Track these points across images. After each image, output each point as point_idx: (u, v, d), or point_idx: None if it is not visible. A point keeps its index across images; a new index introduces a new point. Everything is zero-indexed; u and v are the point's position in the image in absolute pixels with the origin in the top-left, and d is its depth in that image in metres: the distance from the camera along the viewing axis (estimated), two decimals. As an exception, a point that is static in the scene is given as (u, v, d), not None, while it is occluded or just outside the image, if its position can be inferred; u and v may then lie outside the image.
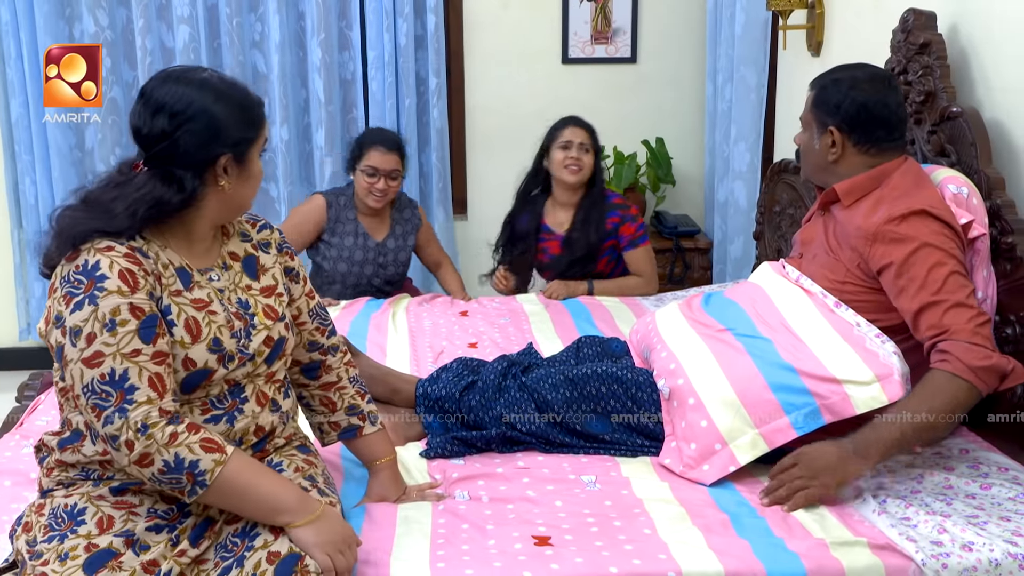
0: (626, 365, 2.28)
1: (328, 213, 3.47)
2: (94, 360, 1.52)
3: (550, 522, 1.83)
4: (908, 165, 2.20)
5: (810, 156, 2.30)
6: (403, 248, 3.56)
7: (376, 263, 3.51)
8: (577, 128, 3.45)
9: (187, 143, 1.60)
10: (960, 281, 2.01)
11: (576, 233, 3.45)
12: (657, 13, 4.29)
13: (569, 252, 3.46)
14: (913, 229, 2.05)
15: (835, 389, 2.01)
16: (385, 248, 3.52)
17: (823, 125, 2.23)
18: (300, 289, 1.88)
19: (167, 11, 3.98)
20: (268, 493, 1.58)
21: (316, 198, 3.52)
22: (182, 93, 1.61)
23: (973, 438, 2.21)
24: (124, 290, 1.55)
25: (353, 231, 3.48)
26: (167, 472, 1.52)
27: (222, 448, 1.56)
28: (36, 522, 1.62)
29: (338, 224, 3.47)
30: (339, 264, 3.47)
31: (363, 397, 1.95)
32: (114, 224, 1.58)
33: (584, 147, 3.42)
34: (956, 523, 1.80)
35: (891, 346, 2.05)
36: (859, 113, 2.18)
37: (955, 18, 2.49)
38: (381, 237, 3.52)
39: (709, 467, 2.03)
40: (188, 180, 1.61)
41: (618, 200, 3.50)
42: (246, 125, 1.66)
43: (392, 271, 3.55)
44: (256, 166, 1.71)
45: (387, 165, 3.39)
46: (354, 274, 3.49)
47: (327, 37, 4.00)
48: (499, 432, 2.16)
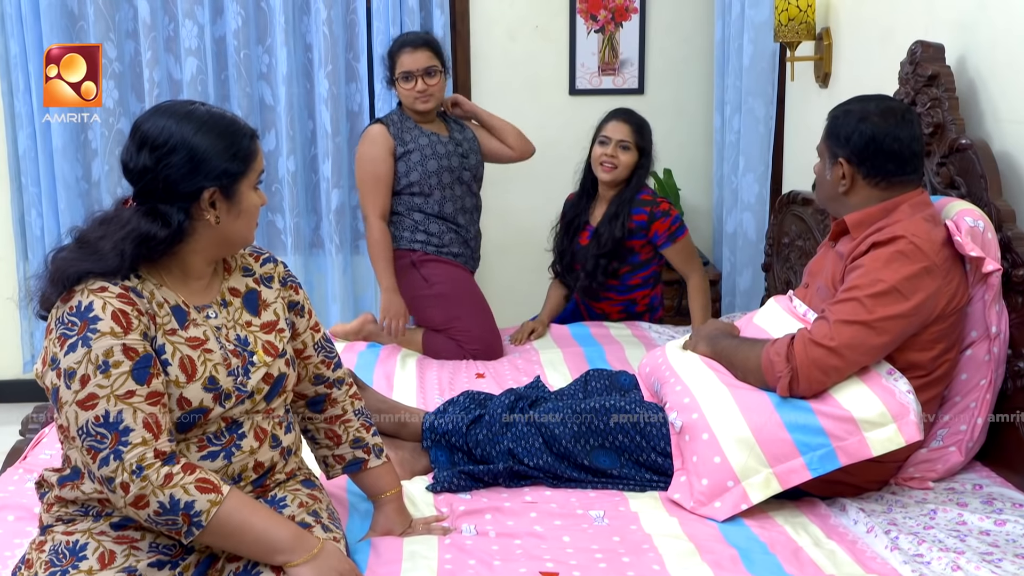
0: (635, 399, 2.26)
1: (391, 131, 3.28)
2: (88, 402, 1.51)
3: (558, 557, 1.81)
4: (921, 198, 2.18)
5: (823, 186, 2.29)
6: (469, 139, 3.41)
7: (458, 154, 3.34)
8: (620, 124, 3.29)
9: (169, 177, 1.58)
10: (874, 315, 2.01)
11: (603, 228, 3.31)
12: (665, 44, 4.30)
13: (596, 246, 3.31)
14: (877, 260, 2.05)
15: (851, 430, 1.99)
16: (456, 140, 3.36)
17: (834, 156, 2.22)
18: (305, 323, 1.86)
19: (175, 43, 4.01)
20: (263, 532, 1.57)
21: (372, 130, 3.32)
22: (163, 126, 1.59)
23: (987, 473, 2.18)
24: (117, 331, 1.53)
25: (422, 133, 3.30)
26: (163, 513, 1.51)
27: (218, 488, 1.54)
28: (37, 559, 1.60)
29: (405, 134, 3.28)
30: (428, 162, 3.26)
31: (368, 430, 1.94)
32: (103, 264, 1.57)
33: (623, 144, 3.26)
34: (970, 560, 1.76)
35: (904, 383, 2.03)
36: (867, 146, 2.16)
37: (963, 50, 2.48)
38: (447, 133, 3.37)
39: (721, 504, 2.00)
40: (174, 215, 1.59)
41: (646, 196, 3.31)
42: (231, 158, 1.62)
43: (474, 160, 3.40)
44: (248, 200, 1.67)
45: (419, 64, 3.23)
46: (444, 168, 3.28)
47: (334, 69, 4.02)
48: (506, 466, 2.14)
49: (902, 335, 2.05)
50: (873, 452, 1.97)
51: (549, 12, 4.26)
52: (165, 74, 4.02)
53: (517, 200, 4.27)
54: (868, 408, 1.99)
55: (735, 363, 2.19)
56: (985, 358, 2.14)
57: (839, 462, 1.98)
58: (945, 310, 2.07)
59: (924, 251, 2.04)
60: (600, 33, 4.26)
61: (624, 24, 4.26)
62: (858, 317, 2.02)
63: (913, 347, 2.08)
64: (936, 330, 2.08)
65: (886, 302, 2.02)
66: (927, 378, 2.10)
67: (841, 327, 2.03)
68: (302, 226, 4.17)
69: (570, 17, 4.25)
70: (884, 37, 2.92)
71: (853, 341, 2.02)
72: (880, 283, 2.03)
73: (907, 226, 2.08)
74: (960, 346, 2.16)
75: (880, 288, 2.02)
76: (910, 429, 1.97)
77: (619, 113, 3.33)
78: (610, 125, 3.30)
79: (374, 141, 3.28)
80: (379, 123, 3.32)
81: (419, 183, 3.28)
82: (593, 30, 4.26)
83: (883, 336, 2.03)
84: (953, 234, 2.10)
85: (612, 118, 3.32)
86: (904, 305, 2.02)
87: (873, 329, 2.02)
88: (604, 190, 3.37)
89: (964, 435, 2.15)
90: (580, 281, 3.40)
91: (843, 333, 2.03)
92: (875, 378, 2.04)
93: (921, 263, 2.03)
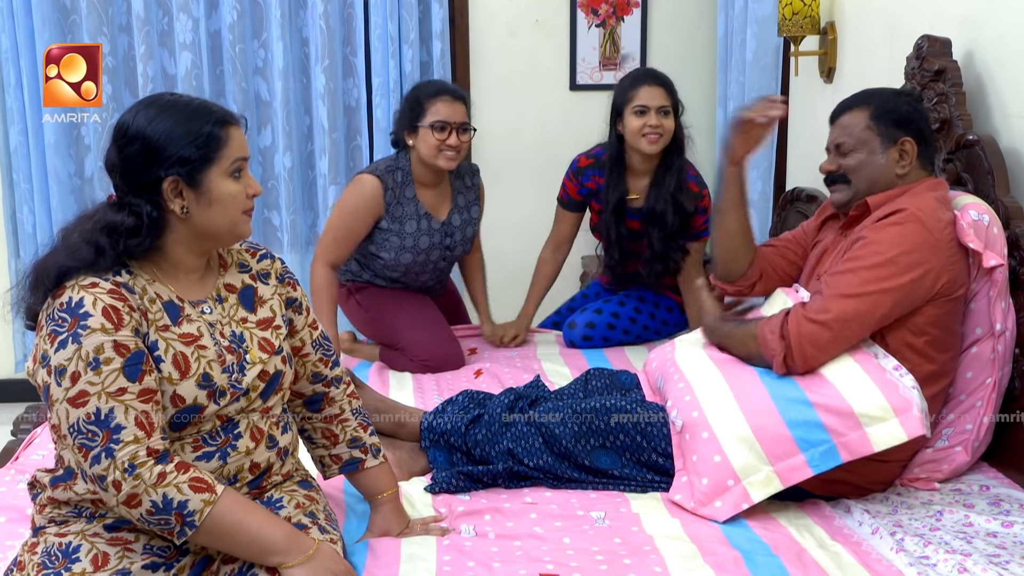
0: (635, 399, 2.24)
1: (385, 198, 2.96)
2: (79, 400, 1.49)
3: (558, 559, 1.79)
4: (938, 180, 2.20)
5: (869, 172, 2.20)
6: (469, 223, 3.14)
7: (443, 246, 3.07)
8: (654, 88, 2.99)
9: (127, 168, 1.57)
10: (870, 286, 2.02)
11: (661, 205, 3.02)
12: (667, 39, 4.27)
13: (660, 226, 3.03)
14: (879, 231, 2.05)
15: (852, 425, 1.97)
16: (451, 227, 3.07)
17: (891, 139, 2.18)
18: (303, 320, 1.84)
19: (169, 38, 3.96)
20: (258, 533, 1.55)
21: (366, 182, 2.96)
22: (126, 118, 1.59)
23: (994, 474, 2.17)
24: (108, 327, 1.51)
25: (415, 213, 2.99)
26: (155, 513, 1.49)
27: (212, 487, 1.52)
28: (29, 561, 1.59)
29: (397, 207, 2.97)
30: (402, 255, 3.00)
31: (366, 430, 1.92)
32: (77, 257, 1.55)
33: (663, 110, 2.98)
34: (977, 562, 1.74)
35: (910, 379, 2.02)
36: (927, 124, 2.22)
37: (970, 44, 2.46)
38: (444, 215, 3.07)
39: (721, 504, 1.98)
40: (142, 207, 1.57)
41: (693, 187, 3.08)
42: (190, 144, 1.57)
43: (460, 251, 3.15)
44: (221, 188, 1.61)
45: (457, 116, 2.92)
46: (419, 263, 3.05)
47: (331, 64, 3.99)
48: (506, 467, 2.12)
49: (897, 308, 2.04)
50: (875, 447, 1.95)
51: (550, 6, 4.23)
52: (159, 69, 3.97)
53: (515, 198, 4.23)
54: (869, 402, 1.97)
55: (734, 346, 2.20)
56: (991, 356, 2.13)
57: (841, 458, 1.96)
58: (945, 290, 2.06)
59: (927, 226, 2.04)
60: (601, 27, 4.23)
61: (625, 18, 4.23)
62: (854, 289, 2.03)
63: (906, 328, 2.07)
64: (931, 314, 2.07)
65: (884, 273, 2.02)
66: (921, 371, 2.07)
67: (837, 300, 2.04)
68: (299, 223, 4.13)
69: (571, 11, 4.21)
70: (890, 31, 2.90)
71: (847, 313, 2.03)
72: (879, 254, 2.03)
73: (914, 200, 2.09)
74: (959, 346, 2.15)
75: (879, 259, 2.03)
76: (912, 424, 1.95)
77: (648, 77, 3.05)
78: (643, 92, 2.99)
79: (364, 199, 2.95)
80: (378, 179, 2.96)
81: (386, 263, 3.05)
82: (594, 24, 4.23)
83: (878, 308, 2.03)
84: (958, 222, 2.10)
85: (642, 83, 3.01)
86: (902, 278, 2.02)
87: (869, 301, 2.02)
88: (641, 162, 3.08)
89: (970, 434, 2.14)
90: (647, 267, 3.12)
91: (839, 305, 2.03)
92: (878, 372, 2.02)
93: (923, 236, 2.03)
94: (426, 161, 2.95)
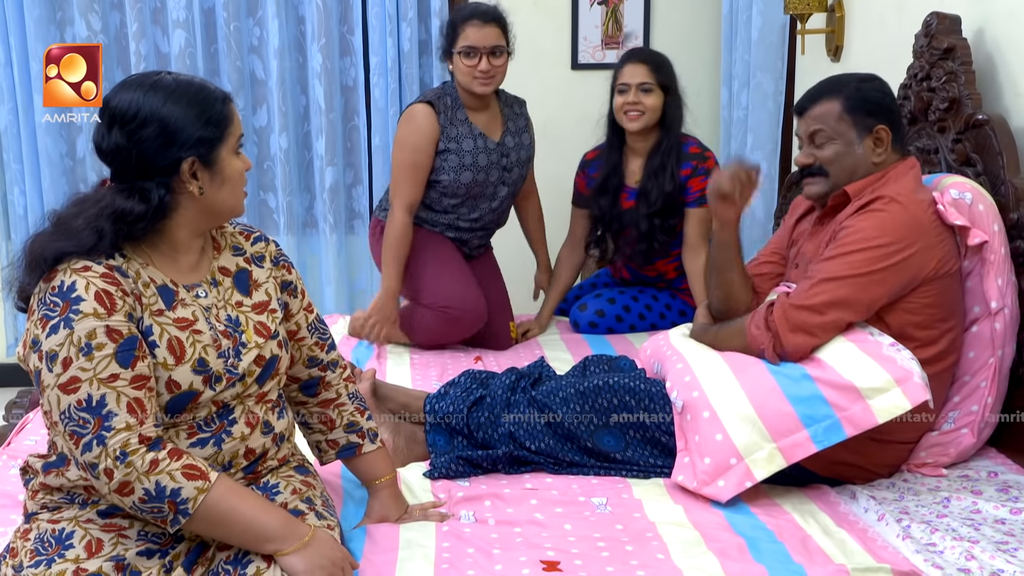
0: (638, 376, 2.22)
1: (439, 120, 2.97)
2: (70, 386, 1.47)
3: (559, 546, 1.77)
4: (910, 162, 2.19)
5: (847, 163, 2.18)
6: (523, 146, 3.14)
7: (500, 166, 3.06)
8: (636, 65, 3.04)
9: (143, 152, 1.53)
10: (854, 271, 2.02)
11: (649, 184, 3.06)
12: (670, 17, 4.23)
13: (645, 205, 3.06)
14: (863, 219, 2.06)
15: (854, 398, 1.95)
16: (506, 147, 3.08)
17: (866, 128, 2.16)
18: (299, 303, 1.82)
19: (162, 15, 3.91)
20: (253, 520, 1.52)
21: (418, 111, 2.98)
22: (131, 100, 1.54)
23: (1002, 460, 2.15)
24: (101, 312, 1.49)
25: (469, 132, 3.01)
26: (148, 501, 1.47)
27: (205, 475, 1.50)
28: (22, 547, 1.57)
29: (451, 128, 2.99)
30: (462, 174, 3.00)
31: (363, 414, 1.90)
32: (78, 243, 1.52)
33: (645, 87, 3.02)
34: (985, 549, 1.73)
35: (907, 353, 2.01)
36: (896, 107, 2.20)
37: (981, 22, 2.43)
38: (498, 136, 3.07)
39: (724, 483, 1.97)
40: (153, 191, 1.54)
41: (694, 149, 3.10)
42: (206, 124, 1.57)
43: (517, 173, 3.13)
44: (231, 167, 1.62)
45: (487, 40, 2.92)
46: (479, 183, 3.03)
47: (328, 42, 3.94)
48: (506, 451, 2.11)
49: (888, 290, 2.04)
50: (879, 419, 1.94)
51: (551, -16, 4.18)
52: (152, 47, 3.92)
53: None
54: (869, 375, 1.96)
55: (725, 345, 2.19)
56: (990, 335, 2.13)
57: (845, 433, 1.95)
58: (936, 271, 2.05)
59: (909, 209, 2.05)
60: (603, 5, 4.18)
61: (628, -4, 4.18)
62: (841, 273, 2.03)
63: (904, 310, 2.06)
64: (926, 294, 2.06)
65: (871, 256, 2.02)
66: (926, 351, 2.06)
67: (824, 284, 2.04)
68: (295, 205, 4.09)
69: (573, -11, 4.16)
70: (898, 8, 2.87)
71: (834, 298, 2.03)
72: (865, 240, 2.03)
73: (893, 187, 2.10)
74: (960, 322, 2.14)
75: (864, 245, 2.03)
76: (915, 391, 1.94)
77: (633, 55, 3.12)
78: (626, 70, 3.06)
79: (420, 128, 2.97)
80: (428, 105, 2.99)
81: (446, 186, 3.04)
82: (596, 2, 4.18)
83: (867, 291, 2.02)
84: (937, 203, 2.10)
85: (626, 61, 3.09)
86: (890, 260, 2.02)
87: (856, 284, 2.02)
88: (635, 141, 3.13)
89: (975, 416, 2.13)
90: (635, 246, 3.16)
91: (825, 289, 2.04)
92: (875, 348, 2.01)
93: (906, 218, 2.04)
94: (463, 86, 2.98)
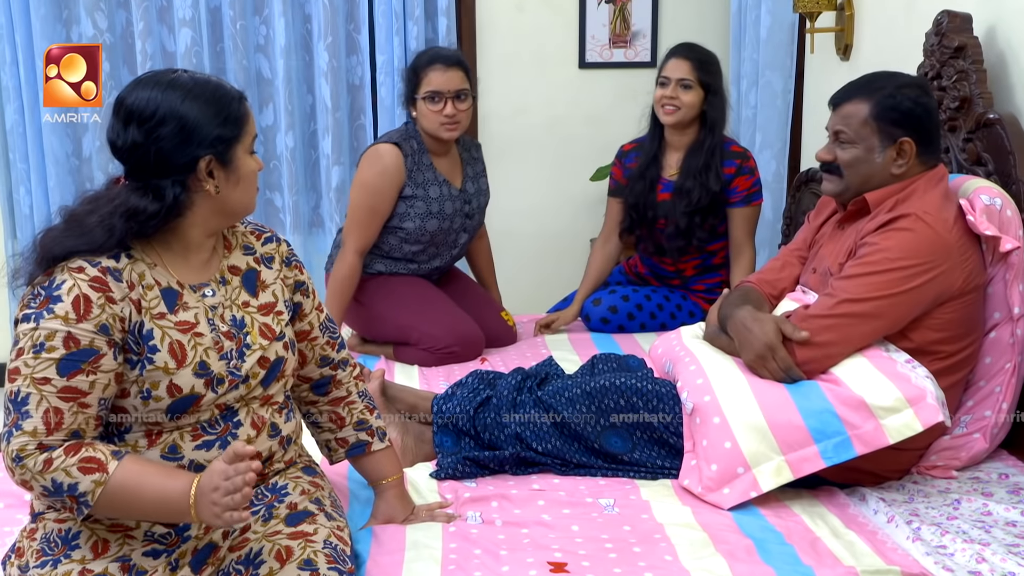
0: (646, 376, 2.21)
1: (406, 164, 2.92)
2: (12, 375, 1.50)
3: (566, 547, 1.77)
4: (937, 172, 2.14)
5: (863, 169, 2.15)
6: (482, 191, 3.13)
7: (463, 213, 3.03)
8: (680, 61, 3.03)
9: (161, 150, 1.53)
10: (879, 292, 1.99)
11: (690, 182, 3.04)
12: (678, 15, 4.21)
13: (685, 202, 3.04)
14: (888, 238, 2.03)
15: (866, 416, 1.94)
16: (467, 194, 3.05)
17: (890, 138, 2.12)
18: (311, 303, 1.82)
19: (168, 13, 3.90)
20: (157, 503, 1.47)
21: (385, 153, 2.92)
22: (149, 97, 1.55)
23: (1013, 462, 2.14)
24: (71, 318, 1.49)
25: (435, 179, 2.97)
26: (49, 496, 1.48)
27: (103, 466, 1.46)
28: (28, 547, 1.58)
29: (418, 173, 2.94)
30: (428, 221, 2.95)
31: (372, 412, 1.90)
32: (89, 240, 1.53)
33: (684, 83, 3.00)
34: (996, 552, 1.72)
35: (923, 370, 1.99)
36: (930, 121, 2.13)
37: (992, 20, 2.41)
38: (459, 182, 3.05)
39: (730, 491, 1.96)
40: (168, 189, 1.54)
41: (736, 148, 3.11)
42: (223, 122, 1.58)
43: (477, 220, 3.11)
44: (246, 165, 1.63)
45: (451, 85, 2.89)
46: (443, 231, 2.99)
47: (334, 41, 3.93)
48: (513, 452, 2.10)
49: (908, 315, 2.02)
50: (890, 440, 1.93)
51: (559, -18, 4.17)
52: (158, 46, 3.92)
53: (522, 179, 4.18)
54: (881, 393, 1.94)
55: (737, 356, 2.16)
56: (1010, 340, 2.10)
57: (855, 451, 1.94)
58: (963, 288, 2.03)
59: (935, 228, 2.02)
60: (611, 4, 4.16)
61: (636, -6, 4.16)
62: (862, 294, 2.01)
63: (928, 327, 2.04)
64: (952, 309, 2.04)
65: (894, 278, 2.00)
66: (946, 362, 2.06)
67: (844, 304, 2.02)
68: (301, 204, 4.08)
69: (581, -13, 4.15)
70: (908, 6, 2.85)
71: (854, 317, 2.01)
72: (889, 261, 2.01)
73: (919, 203, 2.06)
74: (982, 330, 2.12)
75: (888, 266, 2.01)
76: (928, 413, 1.92)
77: (679, 50, 3.09)
78: (670, 63, 3.05)
79: (386, 170, 2.91)
80: (396, 147, 2.93)
81: (409, 232, 2.98)
82: (604, 1, 4.16)
83: (889, 313, 2.01)
84: (966, 213, 2.07)
85: (671, 56, 3.07)
86: (913, 282, 2.00)
87: (878, 305, 2.00)
88: (672, 136, 3.12)
89: (989, 421, 2.11)
90: (670, 241, 3.12)
91: (845, 309, 2.01)
92: (889, 366, 1.99)
93: (932, 239, 2.01)
94: (428, 132, 2.95)
